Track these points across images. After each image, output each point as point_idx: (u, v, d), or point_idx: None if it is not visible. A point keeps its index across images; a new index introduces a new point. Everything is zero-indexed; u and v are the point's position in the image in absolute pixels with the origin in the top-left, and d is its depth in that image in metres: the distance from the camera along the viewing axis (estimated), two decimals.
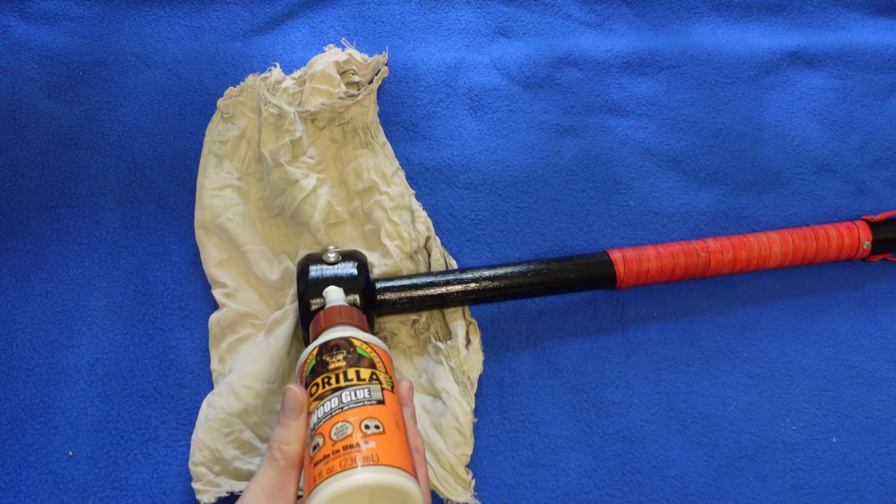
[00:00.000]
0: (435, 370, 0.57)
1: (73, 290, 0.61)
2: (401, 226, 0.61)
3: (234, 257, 0.62)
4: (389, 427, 0.40)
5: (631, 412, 0.59)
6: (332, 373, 0.42)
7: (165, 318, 0.60)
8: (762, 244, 0.63)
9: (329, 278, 0.53)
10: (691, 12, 0.80)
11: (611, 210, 0.68)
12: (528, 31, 0.77)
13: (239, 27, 0.74)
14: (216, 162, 0.64)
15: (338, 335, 0.45)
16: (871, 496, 0.57)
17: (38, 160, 0.66)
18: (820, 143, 0.73)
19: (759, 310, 0.66)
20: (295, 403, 0.42)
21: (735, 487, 0.57)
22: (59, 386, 0.57)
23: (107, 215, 0.64)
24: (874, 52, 0.79)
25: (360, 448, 0.38)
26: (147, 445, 0.55)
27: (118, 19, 0.73)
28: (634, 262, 0.61)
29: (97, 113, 0.68)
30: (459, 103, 0.71)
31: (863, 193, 0.72)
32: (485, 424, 0.58)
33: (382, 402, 0.41)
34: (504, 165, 0.69)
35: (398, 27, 0.75)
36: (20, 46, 0.70)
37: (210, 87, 0.70)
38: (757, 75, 0.76)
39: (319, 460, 0.38)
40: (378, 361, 0.44)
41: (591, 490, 0.56)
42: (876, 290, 0.68)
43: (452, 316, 0.59)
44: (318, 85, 0.65)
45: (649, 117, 0.73)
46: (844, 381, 0.62)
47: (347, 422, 0.39)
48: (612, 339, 0.63)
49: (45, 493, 0.53)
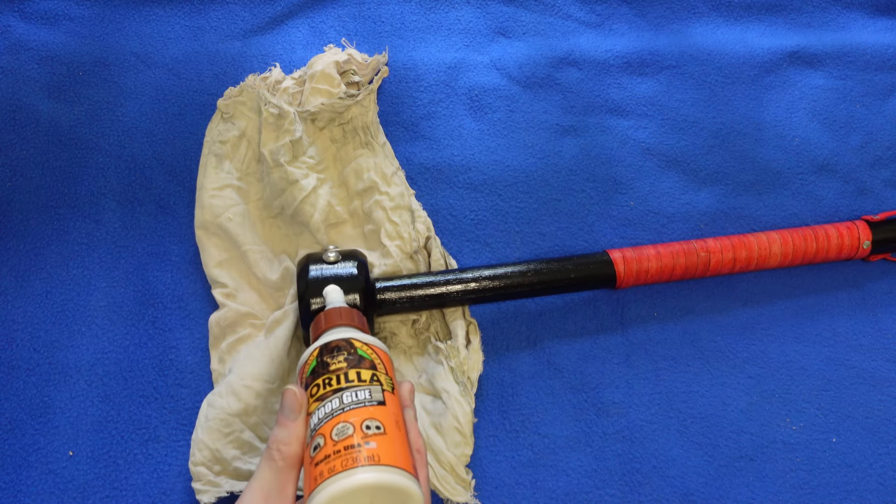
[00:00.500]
0: (435, 370, 0.57)
1: (73, 290, 0.61)
2: (401, 226, 0.61)
3: (234, 257, 0.62)
4: (390, 428, 0.40)
5: (631, 412, 0.59)
6: (332, 374, 0.42)
7: (165, 318, 0.60)
8: (762, 244, 0.63)
9: (329, 278, 0.53)
10: (691, 12, 0.80)
11: (611, 210, 0.68)
12: (528, 31, 0.77)
13: (239, 27, 0.74)
14: (216, 162, 0.64)
15: (338, 336, 0.45)
16: (871, 496, 0.57)
17: (38, 160, 0.66)
18: (820, 143, 0.73)
19: (759, 310, 0.66)
20: (294, 404, 0.42)
21: (735, 487, 0.57)
22: (59, 386, 0.57)
23: (107, 215, 0.64)
24: (874, 52, 0.79)
25: (360, 448, 0.38)
26: (147, 445, 0.55)
27: (118, 19, 0.73)
28: (634, 261, 0.61)
29: (97, 113, 0.68)
30: (459, 103, 0.71)
31: (863, 193, 0.72)
32: (485, 424, 0.58)
33: (383, 403, 0.41)
34: (504, 165, 0.69)
35: (398, 27, 0.75)
36: (20, 46, 0.70)
37: (210, 87, 0.70)
38: (757, 75, 0.76)
39: (320, 460, 0.38)
40: (379, 363, 0.44)
41: (591, 490, 0.56)
42: (876, 290, 0.68)
43: (452, 316, 0.59)
44: (318, 85, 0.65)
45: (649, 117, 0.73)
46: (844, 381, 0.63)
47: (348, 422, 0.39)
48: (612, 339, 0.63)
49: (45, 493, 0.53)
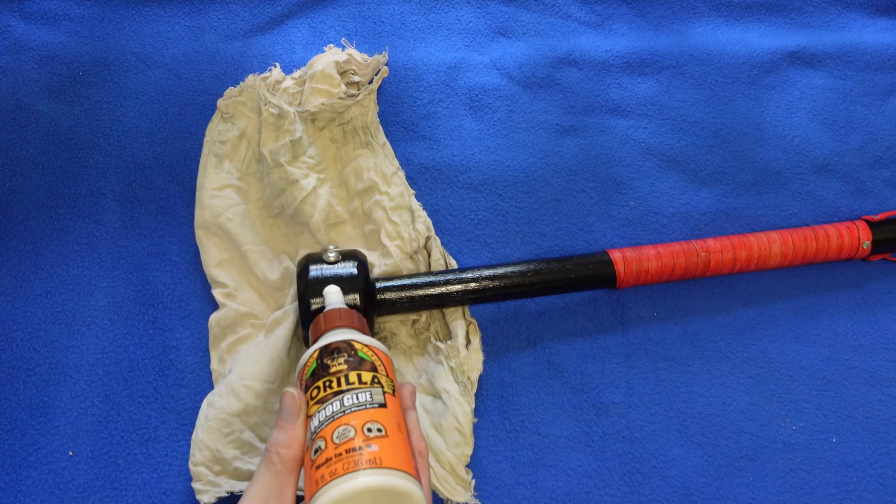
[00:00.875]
0: (435, 370, 0.57)
1: (73, 290, 0.61)
2: (401, 226, 0.61)
3: (234, 257, 0.62)
4: (392, 430, 0.40)
5: (631, 412, 0.59)
6: (333, 376, 0.42)
7: (165, 318, 0.60)
8: (762, 244, 0.63)
9: (329, 278, 0.53)
10: (691, 12, 0.80)
11: (611, 210, 0.68)
12: (528, 31, 0.77)
13: (239, 27, 0.74)
14: (216, 162, 0.64)
15: (339, 338, 0.45)
16: (871, 496, 0.57)
17: (38, 160, 0.66)
18: (820, 143, 0.73)
19: (759, 310, 0.66)
20: (293, 406, 0.41)
21: (735, 487, 0.57)
22: (59, 386, 0.57)
23: (107, 215, 0.64)
24: (874, 52, 0.79)
25: (362, 451, 0.38)
26: (147, 445, 0.55)
27: (118, 19, 0.73)
28: (634, 261, 0.61)
29: (97, 113, 0.68)
30: (459, 103, 0.71)
31: (863, 193, 0.72)
32: (485, 424, 0.58)
33: (384, 406, 0.41)
34: (504, 165, 0.69)
35: (398, 27, 0.75)
36: (20, 46, 0.70)
37: (210, 87, 0.70)
38: (757, 75, 0.76)
39: (322, 463, 0.38)
40: (379, 365, 0.44)
41: (591, 490, 0.56)
42: (876, 290, 0.68)
43: (452, 316, 0.59)
44: (318, 85, 0.65)
45: (649, 117, 0.73)
46: (844, 381, 0.63)
47: (349, 425, 0.39)
48: (612, 339, 0.63)
49: (45, 493, 0.53)
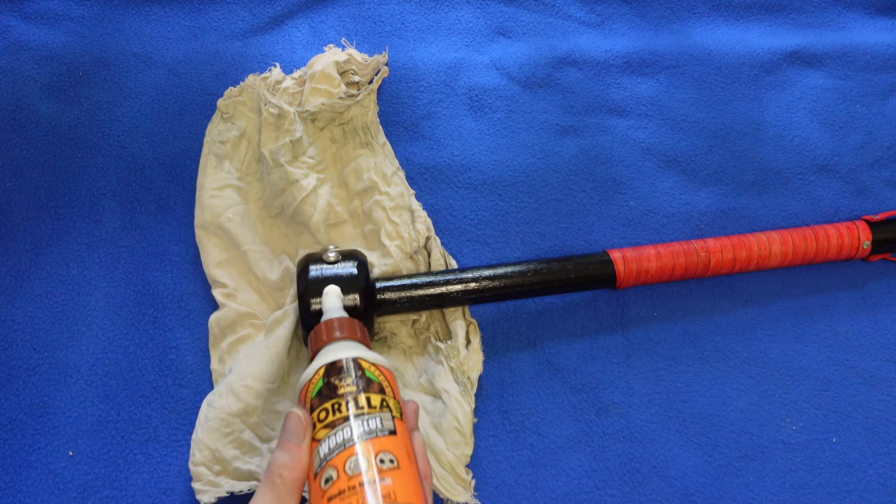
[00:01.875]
0: (435, 370, 0.57)
1: (73, 290, 0.61)
2: (401, 226, 0.61)
3: (234, 257, 0.62)
4: (403, 460, 0.40)
5: (631, 412, 0.59)
6: (341, 399, 0.42)
7: (165, 318, 0.60)
8: (762, 244, 0.63)
9: (329, 278, 0.53)
10: (691, 12, 0.80)
11: (611, 210, 0.68)
12: (528, 31, 0.77)
13: (239, 27, 0.74)
14: (216, 162, 0.64)
15: (344, 354, 0.45)
16: (871, 496, 0.57)
17: (38, 160, 0.66)
18: (820, 143, 0.73)
19: (759, 310, 0.66)
20: (298, 428, 0.41)
21: (735, 487, 0.57)
22: (59, 386, 0.57)
23: (107, 215, 0.64)
24: (874, 52, 0.79)
25: (376, 485, 0.38)
26: (147, 445, 0.55)
27: (118, 19, 0.73)
28: (634, 261, 0.61)
29: (97, 113, 0.68)
30: (459, 103, 0.71)
31: (863, 193, 0.72)
32: (485, 424, 0.58)
33: (394, 433, 0.41)
34: (504, 165, 0.69)
35: (398, 27, 0.75)
36: (20, 46, 0.70)
37: (210, 87, 0.70)
38: (757, 75, 0.76)
39: (334, 495, 0.38)
40: (387, 385, 0.44)
41: (591, 490, 0.56)
42: (876, 290, 0.68)
43: (452, 316, 0.59)
44: (318, 85, 0.65)
45: (649, 117, 0.73)
46: (844, 381, 0.62)
47: (362, 455, 0.39)
48: (612, 339, 0.63)
49: (45, 493, 0.53)
